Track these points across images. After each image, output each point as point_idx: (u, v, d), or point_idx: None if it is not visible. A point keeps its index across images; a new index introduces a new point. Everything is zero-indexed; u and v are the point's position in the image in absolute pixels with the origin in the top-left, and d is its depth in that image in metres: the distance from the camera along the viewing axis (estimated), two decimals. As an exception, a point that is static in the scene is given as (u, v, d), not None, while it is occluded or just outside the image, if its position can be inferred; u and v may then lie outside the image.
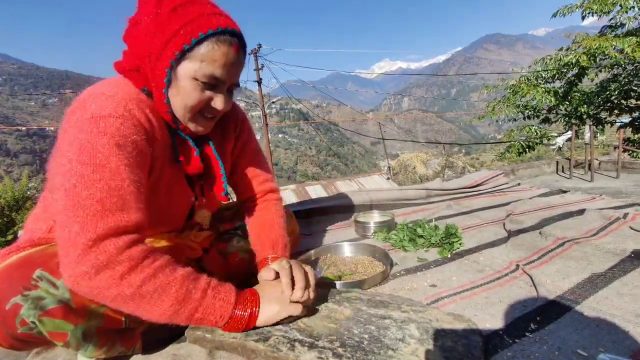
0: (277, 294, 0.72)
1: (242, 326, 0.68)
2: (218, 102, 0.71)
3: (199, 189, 0.87)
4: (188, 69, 0.65)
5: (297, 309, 0.71)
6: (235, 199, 1.08)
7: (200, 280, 0.64)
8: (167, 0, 0.65)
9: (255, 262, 0.91)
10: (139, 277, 0.57)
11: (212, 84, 0.68)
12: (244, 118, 0.98)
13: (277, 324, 0.71)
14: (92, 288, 0.55)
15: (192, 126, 0.73)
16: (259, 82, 13.23)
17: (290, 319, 0.72)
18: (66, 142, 0.60)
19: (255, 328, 0.70)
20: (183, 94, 0.67)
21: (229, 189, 0.97)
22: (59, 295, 0.57)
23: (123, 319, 0.65)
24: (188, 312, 0.61)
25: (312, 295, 0.75)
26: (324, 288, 0.90)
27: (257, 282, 0.79)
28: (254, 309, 0.69)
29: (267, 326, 0.71)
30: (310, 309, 0.76)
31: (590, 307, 0.81)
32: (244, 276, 1.01)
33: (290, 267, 0.77)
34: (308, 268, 0.80)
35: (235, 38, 0.68)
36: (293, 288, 0.73)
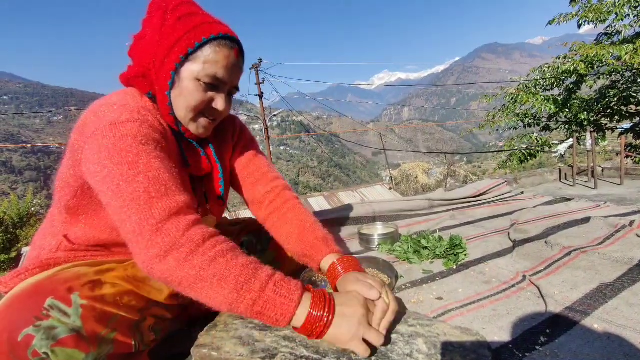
0: (359, 314, 0.62)
1: (317, 331, 0.61)
2: (219, 103, 0.75)
3: (201, 195, 0.88)
4: (191, 70, 0.70)
5: (363, 350, 0.60)
6: (230, 209, 1.08)
7: (262, 272, 0.62)
8: (172, 13, 0.70)
9: (310, 263, 0.85)
10: (199, 260, 0.59)
11: (214, 84, 0.72)
12: (242, 126, 1.00)
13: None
14: (163, 271, 0.58)
15: (193, 127, 0.76)
16: (260, 95, 13.40)
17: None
18: (93, 152, 0.62)
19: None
20: (186, 95, 0.71)
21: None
22: (71, 324, 0.56)
23: (133, 342, 0.65)
24: (247, 303, 0.60)
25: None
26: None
27: None
28: (329, 316, 0.61)
29: (273, 343, 0.70)
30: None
31: (600, 318, 0.80)
32: None
33: (388, 297, 0.68)
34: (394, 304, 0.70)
35: (235, 44, 0.73)
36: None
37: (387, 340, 0.66)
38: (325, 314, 0.61)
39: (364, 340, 0.61)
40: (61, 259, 0.71)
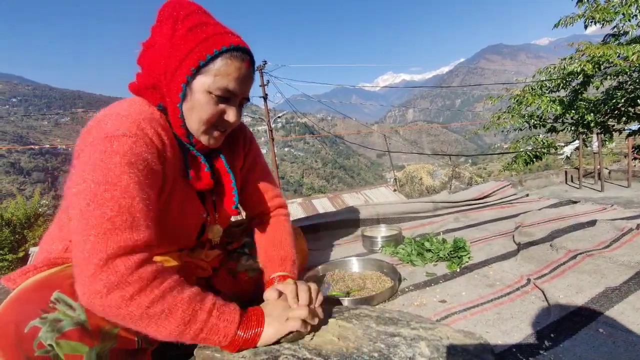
0: (277, 312, 0.71)
1: (244, 346, 0.67)
2: (230, 115, 0.75)
3: (210, 205, 0.89)
4: (203, 83, 0.69)
5: (295, 324, 0.69)
6: (244, 214, 1.09)
7: (207, 301, 0.65)
8: (182, 23, 0.69)
9: (264, 279, 0.91)
10: (147, 299, 0.58)
11: (225, 97, 0.72)
12: (251, 137, 1.02)
13: (278, 342, 0.70)
14: (104, 307, 0.56)
15: (204, 139, 0.76)
16: (265, 97, 13.45)
17: (294, 336, 0.70)
18: (82, 162, 0.62)
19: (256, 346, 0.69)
20: (198, 107, 0.71)
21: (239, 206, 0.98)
22: (76, 317, 0.58)
23: (136, 339, 0.65)
24: (193, 333, 0.62)
25: (318, 312, 0.74)
26: (332, 305, 0.89)
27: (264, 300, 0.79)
28: (258, 329, 0.68)
29: (275, 345, 0.70)
30: (317, 326, 0.74)
31: (605, 322, 0.79)
32: (252, 294, 1.01)
33: (296, 285, 0.77)
34: (313, 285, 0.80)
35: (246, 55, 0.72)
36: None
37: (330, 314, 0.80)
38: (253, 329, 0.67)
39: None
40: (69, 259, 0.72)
